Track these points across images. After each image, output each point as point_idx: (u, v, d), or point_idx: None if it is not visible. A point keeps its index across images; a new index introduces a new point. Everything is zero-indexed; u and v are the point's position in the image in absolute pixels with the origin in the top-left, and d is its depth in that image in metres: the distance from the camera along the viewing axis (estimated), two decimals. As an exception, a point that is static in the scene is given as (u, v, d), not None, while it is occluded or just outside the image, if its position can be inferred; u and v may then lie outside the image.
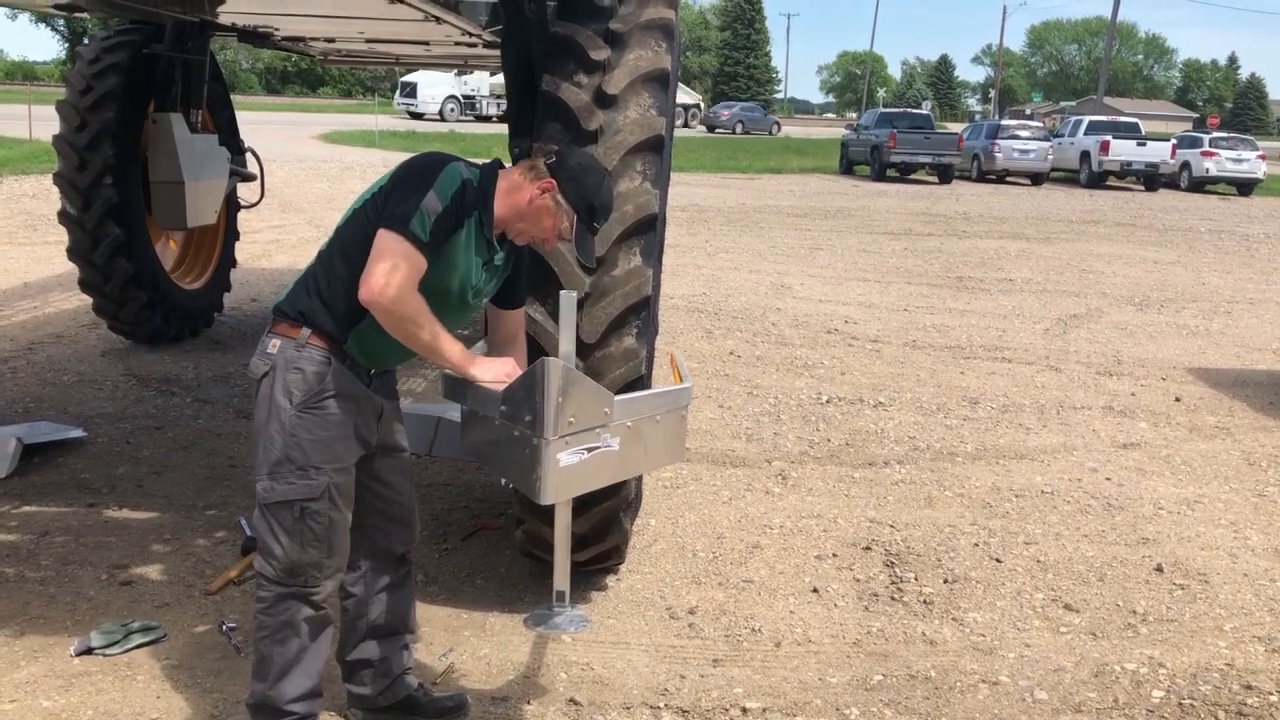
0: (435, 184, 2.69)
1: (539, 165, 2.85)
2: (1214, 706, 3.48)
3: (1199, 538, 4.95)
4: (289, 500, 2.72)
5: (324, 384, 2.72)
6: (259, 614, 2.83)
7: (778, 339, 8.85)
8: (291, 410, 2.70)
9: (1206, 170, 29.75)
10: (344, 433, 2.77)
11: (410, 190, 2.70)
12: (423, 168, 2.76)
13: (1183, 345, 9.30)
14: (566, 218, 2.86)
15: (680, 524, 4.86)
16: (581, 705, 3.34)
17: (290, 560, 2.76)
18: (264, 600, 2.81)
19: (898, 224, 18.28)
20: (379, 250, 2.64)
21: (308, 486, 2.73)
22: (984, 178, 30.74)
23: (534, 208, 2.84)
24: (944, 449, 6.12)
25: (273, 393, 2.71)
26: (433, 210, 2.66)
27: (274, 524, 2.75)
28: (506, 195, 2.83)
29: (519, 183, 2.84)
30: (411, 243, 2.64)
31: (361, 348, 2.79)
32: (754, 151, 37.63)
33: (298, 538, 2.74)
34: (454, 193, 2.71)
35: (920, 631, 3.94)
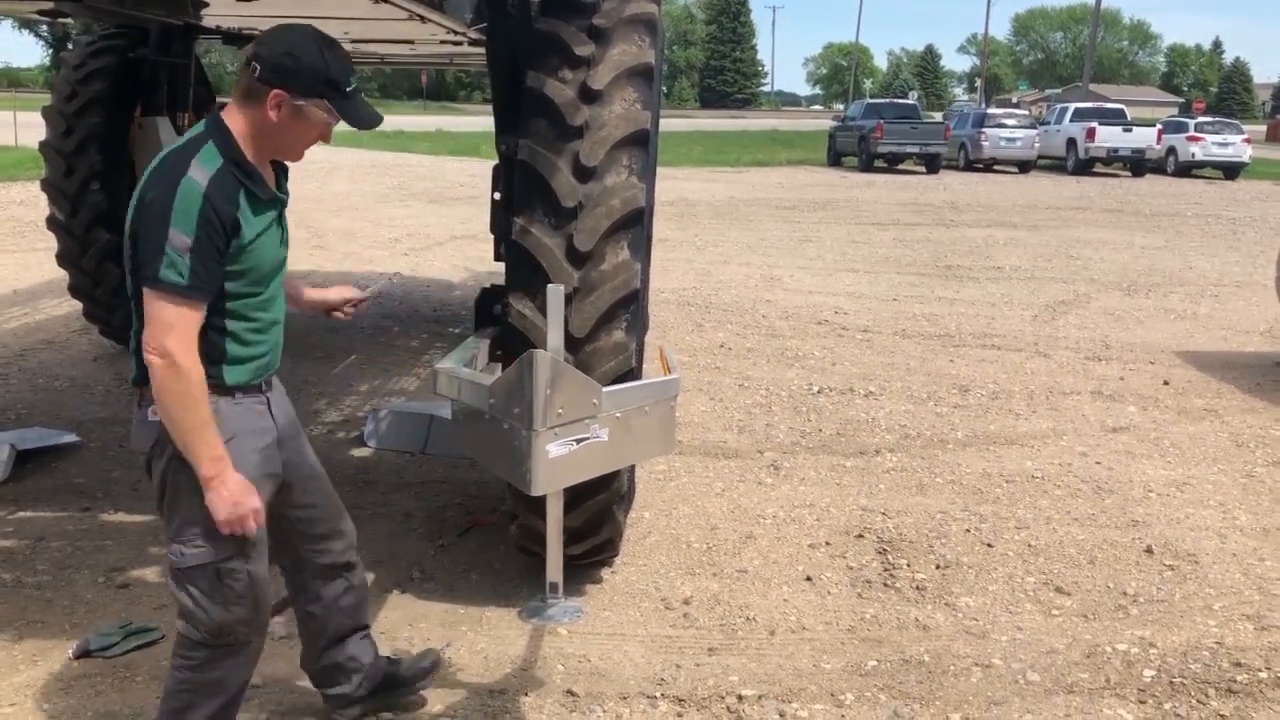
0: (172, 216, 2.37)
1: (250, 85, 2.51)
2: (1204, 684, 3.52)
3: (1188, 519, 5.00)
4: (201, 564, 2.57)
5: (222, 432, 2.53)
6: (184, 670, 2.66)
7: (768, 331, 8.88)
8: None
9: (1192, 155, 29.83)
10: (252, 479, 2.59)
11: (150, 232, 2.39)
12: (155, 201, 2.41)
13: (1170, 329, 9.35)
14: (316, 110, 2.55)
15: (674, 516, 4.89)
16: (579, 696, 3.37)
17: (215, 623, 2.61)
18: (192, 660, 2.65)
19: (886, 214, 18.32)
20: (147, 312, 2.41)
21: (223, 546, 2.57)
22: (971, 166, 30.79)
23: (281, 128, 2.54)
24: (935, 436, 6.16)
25: (169, 458, 2.52)
26: (182, 248, 2.37)
27: (191, 590, 2.59)
28: (251, 139, 2.54)
29: (249, 117, 2.53)
30: (171, 296, 2.38)
31: (247, 369, 2.63)
32: (742, 144, 37.67)
33: (219, 599, 2.59)
34: (199, 214, 2.39)
35: (913, 617, 3.97)
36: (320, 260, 12.09)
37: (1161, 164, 30.41)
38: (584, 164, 3.56)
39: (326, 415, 6.31)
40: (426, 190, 20.96)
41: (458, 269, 11.82)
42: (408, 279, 11.06)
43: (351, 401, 6.61)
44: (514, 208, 3.67)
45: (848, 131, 31.27)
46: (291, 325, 7.62)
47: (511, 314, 3.57)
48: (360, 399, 6.66)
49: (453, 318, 9.18)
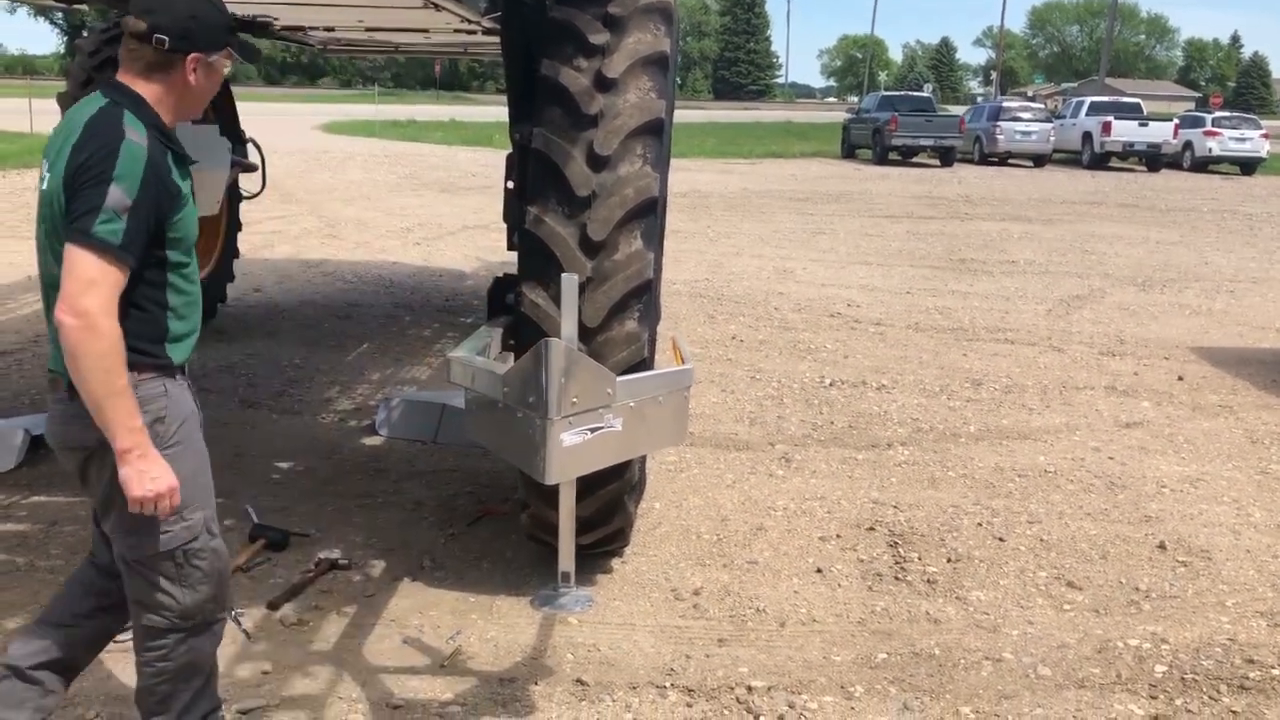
0: (115, 175, 2.31)
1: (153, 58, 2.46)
2: (1216, 681, 3.51)
3: (1201, 515, 4.97)
4: (168, 550, 2.52)
5: (171, 414, 2.49)
6: (156, 661, 2.60)
7: (780, 323, 8.86)
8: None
9: (1209, 150, 29.64)
10: (202, 456, 2.58)
11: (88, 187, 2.32)
12: (97, 157, 2.34)
13: (1185, 325, 9.30)
14: (223, 60, 2.57)
15: (684, 507, 4.88)
16: (588, 686, 3.37)
17: (185, 606, 2.57)
18: (161, 648, 2.59)
19: (900, 207, 18.26)
20: (69, 266, 2.30)
21: (186, 529, 2.53)
22: (986, 160, 30.67)
23: (198, 88, 2.53)
24: (947, 430, 6.14)
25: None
26: (120, 207, 2.30)
27: (156, 578, 2.53)
28: (167, 105, 2.51)
29: (163, 86, 2.49)
30: (104, 253, 2.29)
31: (186, 346, 2.58)
32: (755, 136, 37.58)
33: (186, 583, 2.56)
34: (143, 176, 2.35)
35: (924, 610, 3.96)
36: (333, 250, 12.12)
37: (1178, 159, 30.24)
38: (598, 153, 3.55)
39: (338, 403, 6.33)
40: (439, 180, 20.97)
41: (470, 258, 11.83)
42: (420, 268, 11.08)
43: (363, 390, 6.62)
44: (527, 196, 3.67)
45: (862, 124, 31.16)
46: (304, 314, 7.66)
47: (524, 303, 3.56)
48: (372, 387, 6.67)
49: (464, 307, 9.19)
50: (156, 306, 2.49)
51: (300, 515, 4.63)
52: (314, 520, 4.58)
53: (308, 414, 6.10)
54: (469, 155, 28.04)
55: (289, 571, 4.10)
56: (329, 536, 4.42)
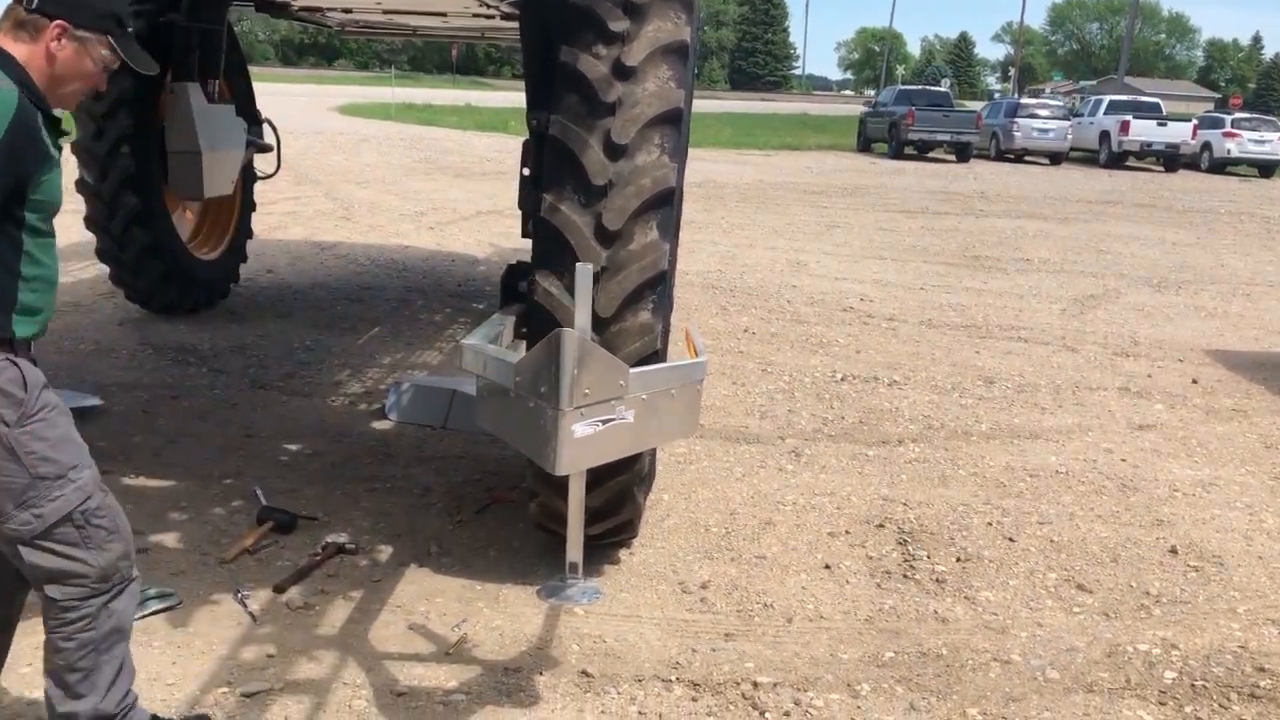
0: None
1: (21, 15, 2.32)
2: (1226, 688, 3.48)
3: (1214, 520, 4.93)
4: (65, 514, 2.44)
5: (27, 386, 2.40)
6: (79, 634, 2.50)
7: (793, 316, 8.83)
8: (13, 431, 2.35)
9: (1228, 151, 29.45)
10: (67, 416, 2.50)
11: None
12: None
13: (1200, 327, 9.23)
14: (99, 47, 2.40)
15: (693, 499, 4.86)
16: (593, 677, 3.36)
17: (100, 568, 2.50)
18: (83, 617, 2.50)
19: (915, 202, 18.18)
20: None
21: (78, 490, 2.45)
22: (1002, 156, 30.53)
23: (62, 64, 2.36)
24: (959, 428, 6.10)
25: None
26: None
27: (59, 547, 2.44)
28: (36, 71, 2.35)
29: (24, 52, 2.33)
30: None
31: (36, 322, 2.51)
32: (771, 127, 37.48)
33: (93, 544, 2.49)
34: (11, 121, 2.21)
35: (932, 609, 3.94)
36: (347, 232, 12.11)
37: (1196, 160, 30.05)
38: (615, 142, 3.52)
39: (348, 387, 6.32)
40: (454, 165, 20.95)
41: (483, 244, 11.81)
42: (433, 253, 11.06)
43: (374, 374, 6.61)
44: (543, 184, 3.64)
45: (878, 117, 31.06)
46: (316, 296, 7.66)
47: (538, 291, 3.54)
48: (383, 371, 6.66)
49: (477, 293, 9.17)
50: (7, 273, 2.35)
51: (308, 498, 4.62)
52: (322, 503, 4.57)
53: (318, 396, 6.10)
54: (484, 140, 28.02)
55: (296, 555, 4.09)
56: (336, 520, 4.42)
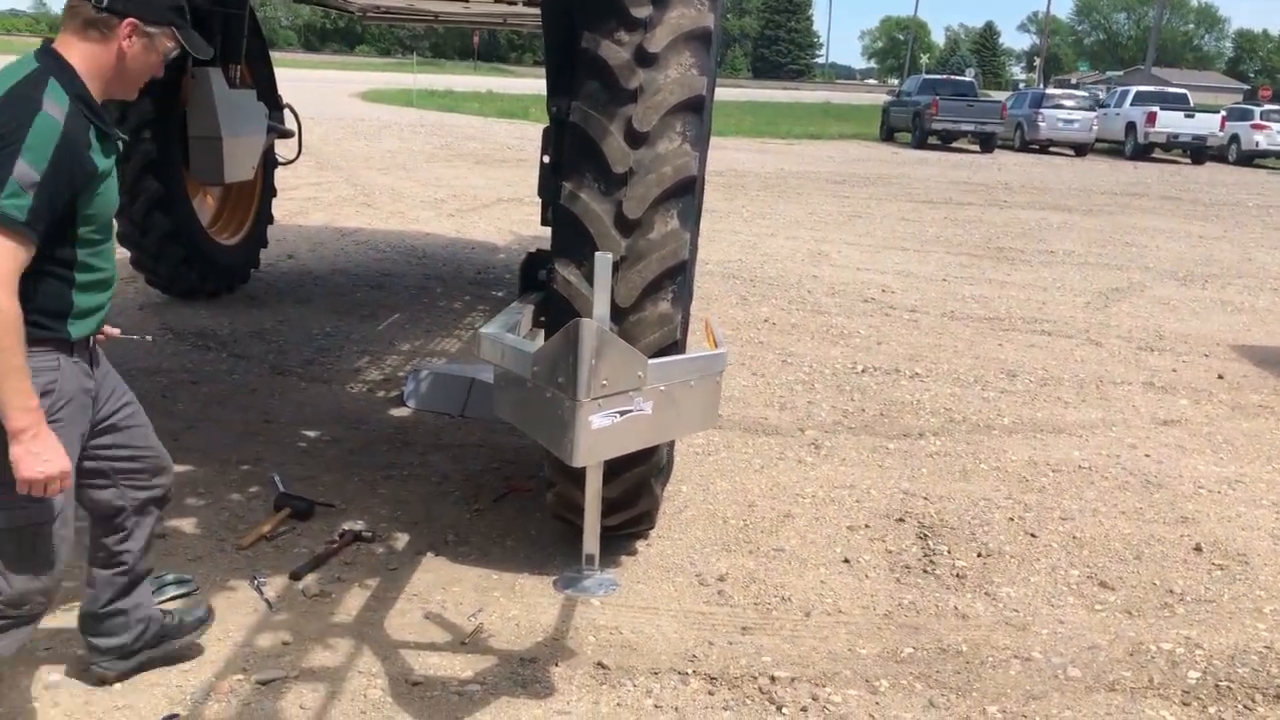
0: (24, 149, 2.23)
1: (91, 14, 2.41)
2: (1252, 689, 3.42)
3: (1240, 518, 4.87)
4: (16, 528, 2.44)
5: (59, 390, 2.44)
6: None
7: (813, 307, 8.77)
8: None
9: (1256, 143, 29.14)
10: (72, 439, 2.51)
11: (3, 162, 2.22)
12: (9, 128, 2.26)
13: (1227, 322, 9.12)
14: (165, 39, 2.53)
15: (711, 491, 4.83)
16: (609, 669, 3.33)
17: (18, 592, 2.49)
18: None
19: (938, 193, 18.05)
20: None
21: (41, 509, 2.44)
22: (1027, 147, 30.28)
23: (132, 59, 2.47)
24: (980, 421, 6.05)
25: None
26: (28, 182, 2.22)
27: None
28: (96, 75, 2.45)
29: (94, 50, 2.43)
30: (4, 230, 2.22)
31: (90, 323, 2.55)
32: (794, 116, 37.31)
33: (27, 567, 2.48)
34: (54, 150, 2.28)
35: (952, 605, 3.90)
36: (368, 218, 12.12)
37: (1223, 152, 29.72)
38: (636, 129, 3.48)
39: (367, 373, 6.31)
40: (474, 151, 20.94)
41: (503, 232, 11.79)
42: (453, 240, 11.05)
43: (392, 361, 6.60)
44: (563, 171, 3.60)
45: (902, 107, 30.87)
46: (336, 282, 7.65)
47: (557, 280, 3.51)
48: (401, 359, 6.65)
49: (496, 281, 9.16)
50: (61, 282, 2.43)
51: (326, 485, 4.62)
52: (339, 491, 4.57)
53: (336, 383, 6.09)
54: (505, 127, 27.99)
55: (313, 542, 4.08)
56: (354, 508, 4.41)
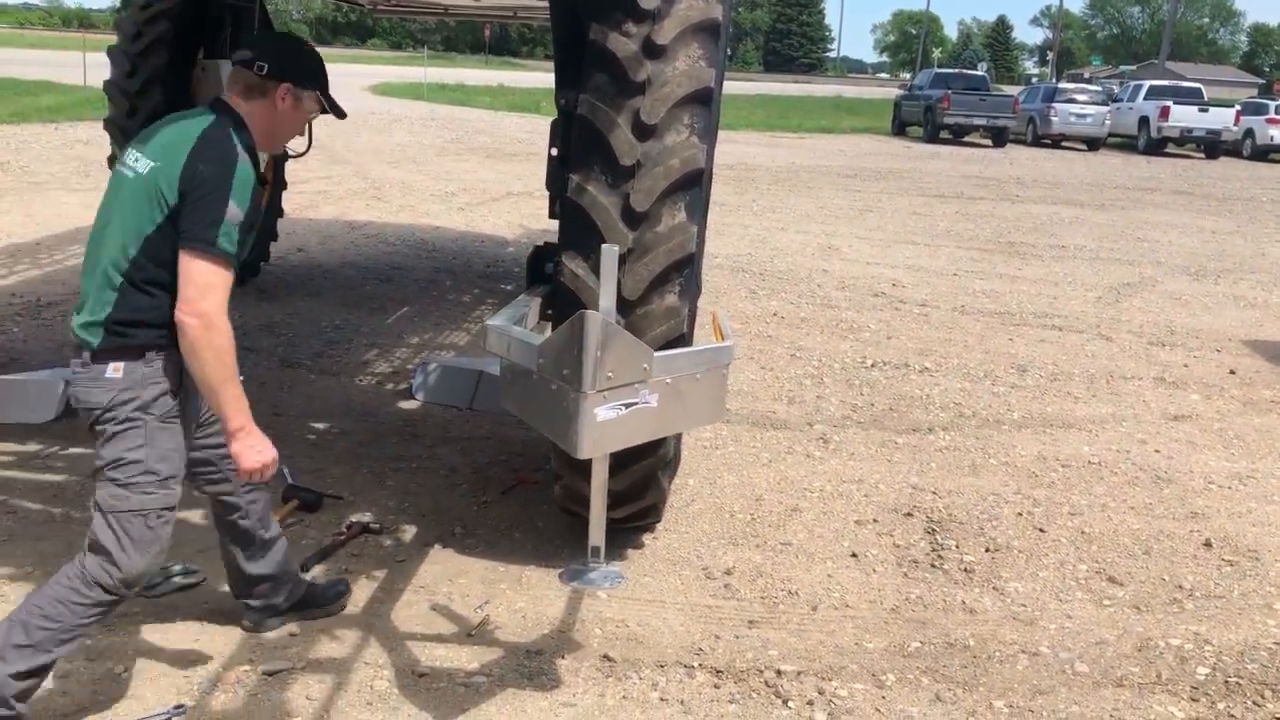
0: (232, 191, 2.62)
1: (253, 80, 2.81)
2: (1261, 686, 3.41)
3: (1250, 514, 4.84)
4: (145, 510, 2.73)
5: (184, 389, 2.78)
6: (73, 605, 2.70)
7: (823, 301, 8.75)
8: (155, 423, 2.72)
9: (1271, 138, 28.92)
10: (189, 431, 2.88)
11: (210, 200, 2.60)
12: (216, 173, 2.63)
13: (1239, 317, 9.07)
14: (311, 101, 2.91)
15: (719, 484, 4.83)
16: (615, 662, 3.33)
17: (135, 572, 2.74)
18: (86, 600, 2.71)
19: (949, 187, 17.99)
20: (190, 273, 2.58)
21: (167, 496, 2.77)
22: (1039, 142, 30.14)
23: (284, 117, 2.88)
24: (990, 416, 6.03)
25: (135, 407, 2.68)
26: (235, 220, 2.62)
27: (123, 532, 2.71)
28: (257, 130, 2.83)
29: (256, 110, 2.83)
30: (222, 262, 2.61)
31: None
32: (805, 110, 37.22)
33: (146, 548, 2.75)
34: (251, 193, 2.70)
35: (960, 600, 3.89)
36: (378, 212, 12.13)
37: (1238, 146, 29.52)
38: (644, 121, 3.47)
39: (376, 366, 6.32)
40: (484, 145, 20.95)
41: (512, 225, 11.79)
42: (462, 233, 11.06)
43: (401, 354, 6.61)
44: (570, 164, 3.59)
45: (914, 101, 30.78)
46: (345, 275, 7.66)
47: (564, 273, 3.50)
48: (410, 351, 6.66)
49: (505, 274, 9.16)
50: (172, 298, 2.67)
51: (334, 477, 4.63)
52: (347, 483, 4.58)
53: (345, 376, 6.10)
54: (515, 121, 27.99)
55: (321, 533, 4.09)
56: (361, 500, 4.42)
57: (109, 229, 2.71)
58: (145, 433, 2.70)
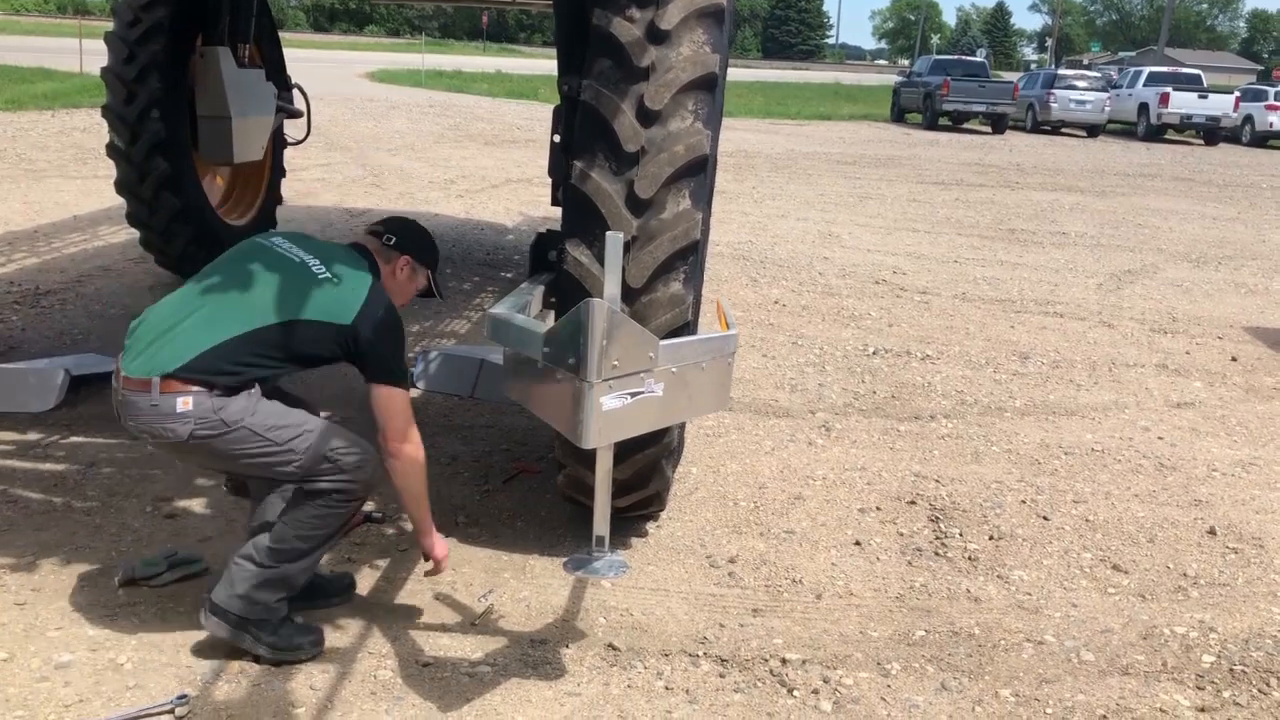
0: (401, 336, 3.16)
1: (379, 246, 3.29)
2: (1267, 674, 3.40)
3: (1254, 501, 4.83)
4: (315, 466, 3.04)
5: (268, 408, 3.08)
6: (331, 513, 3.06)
7: (824, 288, 8.73)
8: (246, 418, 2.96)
9: (1270, 124, 28.89)
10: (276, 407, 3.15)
11: (395, 348, 3.11)
12: (396, 327, 3.12)
13: (1240, 304, 9.06)
14: (423, 276, 3.38)
15: (722, 473, 4.81)
16: (620, 651, 3.32)
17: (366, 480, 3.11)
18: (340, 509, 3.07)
19: (949, 174, 17.95)
20: (394, 409, 3.04)
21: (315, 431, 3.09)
22: (1038, 128, 30.08)
23: (400, 283, 3.31)
24: (992, 404, 6.01)
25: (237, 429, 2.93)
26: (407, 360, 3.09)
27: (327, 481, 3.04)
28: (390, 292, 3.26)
29: (384, 269, 3.27)
30: (406, 394, 3.09)
31: None
32: (804, 97, 37.11)
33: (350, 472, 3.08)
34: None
35: (964, 588, 3.88)
36: (377, 199, 12.09)
37: (1237, 133, 29.49)
38: (648, 107, 3.44)
39: (377, 354, 6.29)
40: (483, 132, 20.87)
41: (512, 212, 11.75)
42: (462, 221, 11.02)
43: (402, 341, 6.57)
44: (574, 150, 3.56)
45: (913, 88, 30.69)
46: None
47: (568, 260, 3.48)
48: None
49: (506, 261, 9.13)
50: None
51: (335, 466, 4.60)
52: (349, 472, 4.55)
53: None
54: (514, 108, 27.90)
55: (322, 522, 4.06)
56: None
57: (252, 293, 2.97)
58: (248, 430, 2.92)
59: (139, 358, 2.92)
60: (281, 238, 3.19)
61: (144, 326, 3.00)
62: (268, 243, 3.16)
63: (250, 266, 3.04)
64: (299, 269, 3.04)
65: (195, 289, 3.04)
